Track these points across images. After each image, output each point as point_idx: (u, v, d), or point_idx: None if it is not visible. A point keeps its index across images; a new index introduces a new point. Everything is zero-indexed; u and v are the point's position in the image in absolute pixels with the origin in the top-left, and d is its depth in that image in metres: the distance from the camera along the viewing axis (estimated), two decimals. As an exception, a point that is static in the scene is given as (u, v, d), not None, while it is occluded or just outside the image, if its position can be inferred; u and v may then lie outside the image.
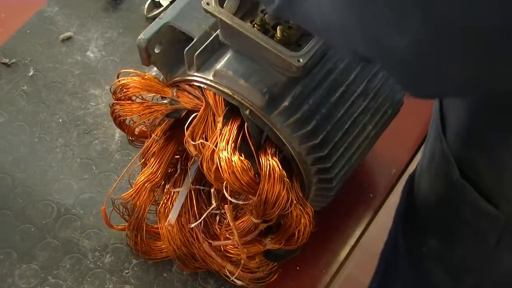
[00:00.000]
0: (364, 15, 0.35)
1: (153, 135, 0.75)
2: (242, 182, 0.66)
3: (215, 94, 0.69)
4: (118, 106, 0.76)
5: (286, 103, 0.67)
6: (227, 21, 0.65)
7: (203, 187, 0.79)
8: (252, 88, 0.66)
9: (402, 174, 0.93)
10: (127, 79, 0.76)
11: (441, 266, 0.77)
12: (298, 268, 0.82)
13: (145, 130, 0.79)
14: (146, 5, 1.03)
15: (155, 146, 0.75)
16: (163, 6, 1.02)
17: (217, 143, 0.67)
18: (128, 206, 0.78)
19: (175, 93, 0.72)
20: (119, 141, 0.92)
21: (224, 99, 0.68)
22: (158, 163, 0.75)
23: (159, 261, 0.82)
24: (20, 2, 1.07)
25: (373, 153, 0.85)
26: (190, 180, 0.78)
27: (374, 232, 1.79)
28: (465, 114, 0.59)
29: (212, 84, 0.68)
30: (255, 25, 0.68)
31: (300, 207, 0.69)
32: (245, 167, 0.65)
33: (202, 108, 0.69)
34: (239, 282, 0.78)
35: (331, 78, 0.70)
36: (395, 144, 0.91)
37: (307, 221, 0.69)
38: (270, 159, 0.67)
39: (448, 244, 0.75)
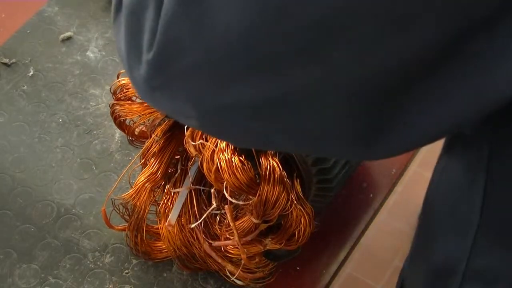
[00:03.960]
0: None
1: (153, 136, 0.75)
2: (242, 182, 0.66)
3: (215, 94, 0.68)
4: (118, 107, 0.77)
5: (286, 104, 0.67)
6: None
7: (203, 188, 0.79)
8: (252, 89, 0.66)
9: (402, 174, 0.93)
10: (127, 79, 0.76)
11: None
12: (298, 268, 0.82)
13: (145, 130, 0.80)
14: (146, 5, 1.03)
15: (155, 147, 0.75)
16: (163, 6, 1.02)
17: (217, 143, 0.67)
18: (128, 206, 0.78)
19: (175, 94, 0.72)
20: (119, 141, 0.92)
21: (224, 100, 0.68)
22: (158, 163, 0.75)
23: (159, 261, 0.82)
24: (20, 2, 1.07)
25: (373, 153, 0.85)
26: (190, 181, 0.78)
27: (374, 232, 1.81)
28: None
29: (213, 84, 0.68)
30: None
31: (301, 207, 0.69)
32: (245, 167, 0.65)
33: (203, 108, 0.69)
34: (239, 282, 0.78)
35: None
36: (395, 144, 0.91)
37: (307, 221, 0.70)
38: (270, 159, 0.67)
39: None
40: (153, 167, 0.75)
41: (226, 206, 0.70)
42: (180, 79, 0.40)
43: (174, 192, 0.78)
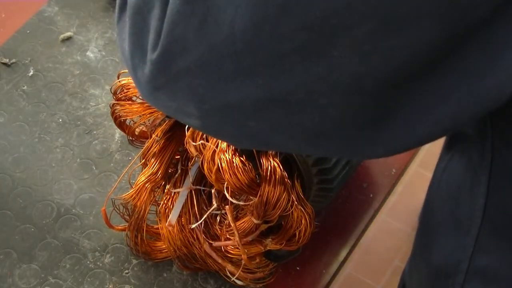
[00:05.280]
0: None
1: (153, 136, 0.75)
2: (243, 183, 0.66)
3: (216, 94, 0.68)
4: (118, 107, 0.77)
5: (287, 104, 0.67)
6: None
7: (203, 188, 0.79)
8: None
9: (402, 174, 0.93)
10: (128, 79, 0.76)
11: None
12: (298, 268, 0.82)
13: (146, 130, 0.80)
14: (146, 5, 1.03)
15: (155, 147, 0.75)
16: (163, 6, 1.01)
17: (218, 143, 0.67)
18: (128, 206, 0.78)
19: (175, 94, 0.72)
20: (119, 141, 0.92)
21: (225, 100, 0.68)
22: (158, 163, 0.75)
23: (159, 261, 0.82)
24: (20, 2, 1.07)
25: (373, 153, 0.85)
26: (191, 181, 0.78)
27: (374, 232, 1.81)
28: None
29: (213, 84, 0.68)
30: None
31: (301, 208, 0.69)
32: (246, 168, 0.65)
33: (203, 108, 0.69)
34: (239, 282, 0.78)
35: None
36: (395, 144, 0.91)
37: (308, 222, 0.70)
38: (271, 160, 0.67)
39: None
40: (153, 167, 0.75)
41: (227, 206, 0.70)
42: (183, 77, 0.40)
43: (174, 192, 0.78)
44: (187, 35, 0.38)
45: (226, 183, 0.67)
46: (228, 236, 0.75)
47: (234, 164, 0.65)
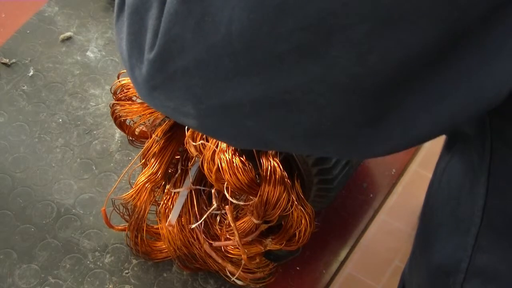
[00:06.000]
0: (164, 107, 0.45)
1: (153, 136, 0.75)
2: (243, 183, 0.66)
3: (216, 94, 0.68)
4: (118, 107, 0.77)
5: (287, 104, 0.67)
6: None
7: (203, 188, 0.79)
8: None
9: (402, 174, 0.93)
10: (128, 79, 0.76)
11: None
12: (298, 268, 0.82)
13: (146, 130, 0.80)
14: (146, 5, 1.03)
15: (155, 147, 0.75)
16: (163, 6, 1.01)
17: (218, 143, 0.67)
18: (128, 206, 0.78)
19: (175, 94, 0.72)
20: (119, 141, 0.92)
21: (225, 100, 0.68)
22: (158, 163, 0.75)
23: (159, 261, 0.82)
24: (20, 2, 1.07)
25: (373, 153, 0.85)
26: (191, 181, 0.78)
27: (374, 232, 1.81)
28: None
29: (213, 84, 0.68)
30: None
31: (301, 207, 0.69)
32: (246, 168, 0.65)
33: (203, 108, 0.69)
34: (239, 282, 0.78)
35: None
36: (395, 144, 0.91)
37: (308, 222, 0.70)
38: (271, 160, 0.67)
39: None
40: (153, 167, 0.75)
41: (227, 206, 0.70)
42: (180, 77, 0.40)
43: (174, 192, 0.78)
44: (184, 34, 0.38)
45: (226, 183, 0.67)
46: (228, 236, 0.75)
47: (234, 164, 0.65)
